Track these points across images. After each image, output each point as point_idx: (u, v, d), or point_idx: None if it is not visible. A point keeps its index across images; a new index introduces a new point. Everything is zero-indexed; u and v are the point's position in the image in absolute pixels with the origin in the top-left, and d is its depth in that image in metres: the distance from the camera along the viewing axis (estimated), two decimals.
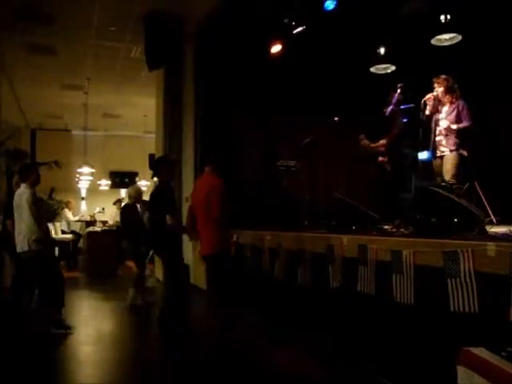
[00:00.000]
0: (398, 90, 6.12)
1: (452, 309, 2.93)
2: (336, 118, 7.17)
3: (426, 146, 5.75)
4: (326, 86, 8.36)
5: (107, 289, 8.85)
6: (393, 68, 7.48)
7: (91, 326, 6.04)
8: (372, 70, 7.56)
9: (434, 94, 5.56)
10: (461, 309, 2.89)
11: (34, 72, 10.96)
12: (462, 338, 2.87)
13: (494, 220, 4.74)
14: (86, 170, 14.13)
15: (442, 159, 5.50)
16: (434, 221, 3.78)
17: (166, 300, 5.49)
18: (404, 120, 6.25)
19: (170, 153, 9.28)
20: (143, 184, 15.35)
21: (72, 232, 12.80)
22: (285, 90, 8.45)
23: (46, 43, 9.34)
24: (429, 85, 5.74)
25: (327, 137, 7.97)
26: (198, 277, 8.13)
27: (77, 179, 15.75)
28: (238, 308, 6.15)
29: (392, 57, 7.44)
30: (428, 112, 5.60)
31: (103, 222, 13.45)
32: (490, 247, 2.80)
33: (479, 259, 2.85)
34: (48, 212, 15.52)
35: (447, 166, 5.38)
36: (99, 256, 10.41)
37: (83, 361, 4.70)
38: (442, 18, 6.33)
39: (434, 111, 5.60)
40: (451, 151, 5.37)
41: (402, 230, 4.66)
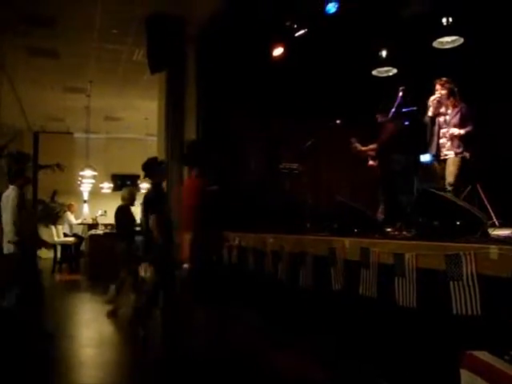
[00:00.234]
0: (400, 93, 6.12)
1: (455, 312, 2.92)
2: (338, 121, 7.17)
3: (428, 149, 5.75)
4: (328, 89, 8.36)
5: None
6: (394, 71, 7.48)
7: (93, 329, 6.05)
8: (374, 72, 7.55)
9: (439, 96, 5.55)
10: (463, 312, 2.88)
11: (36, 75, 10.98)
12: (464, 341, 2.86)
13: (497, 223, 4.72)
14: (88, 172, 14.14)
15: (445, 162, 5.50)
16: (437, 224, 3.77)
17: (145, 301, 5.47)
18: (406, 123, 6.25)
19: (171, 155, 9.30)
20: (144, 187, 15.35)
21: (74, 235, 12.82)
22: (287, 93, 8.46)
23: (47, 46, 9.35)
24: (430, 87, 5.74)
25: (329, 140, 7.96)
26: None
27: (79, 182, 15.76)
28: (241, 310, 6.16)
29: (394, 60, 7.45)
30: (431, 114, 5.60)
31: (105, 225, 13.45)
32: (493, 250, 2.79)
33: (482, 262, 2.84)
34: (48, 215, 15.62)
35: (450, 168, 5.37)
36: (101, 259, 10.40)
37: (84, 362, 4.71)
38: (443, 20, 6.34)
39: (436, 113, 5.60)
40: (456, 154, 5.36)
41: (404, 232, 4.65)
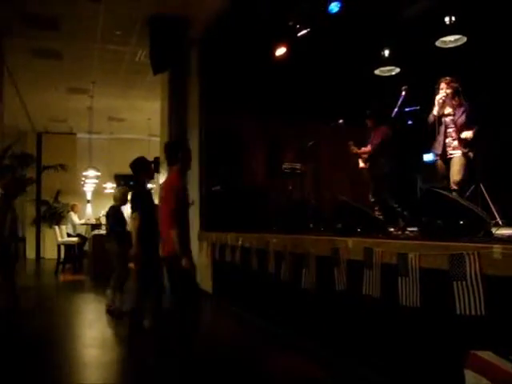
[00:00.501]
0: (403, 93, 6.11)
1: (458, 312, 2.92)
2: (341, 121, 7.17)
3: (433, 148, 5.73)
4: (331, 89, 8.36)
5: None
6: (397, 70, 7.47)
7: (96, 329, 6.06)
8: (376, 72, 7.55)
9: (444, 96, 5.53)
10: (467, 312, 2.88)
11: (40, 76, 11.01)
12: (468, 341, 2.86)
13: (500, 222, 4.72)
14: (91, 173, 14.17)
15: (449, 161, 5.48)
16: (440, 223, 3.77)
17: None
18: (409, 122, 6.24)
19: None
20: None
21: (77, 235, 12.83)
22: (289, 93, 8.46)
23: (51, 47, 9.38)
24: (433, 87, 5.73)
25: (332, 139, 7.96)
26: (204, 279, 8.15)
27: (82, 182, 15.80)
28: (245, 311, 6.17)
29: (396, 59, 7.44)
30: (436, 112, 5.58)
31: None
32: (496, 250, 2.79)
33: (485, 262, 2.83)
34: (52, 215, 15.66)
35: (455, 167, 5.35)
36: (105, 259, 10.40)
37: (88, 363, 4.72)
38: (446, 19, 6.33)
39: (441, 112, 5.58)
40: (463, 153, 5.34)
41: (407, 232, 4.65)
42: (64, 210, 15.31)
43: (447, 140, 5.55)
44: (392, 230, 4.92)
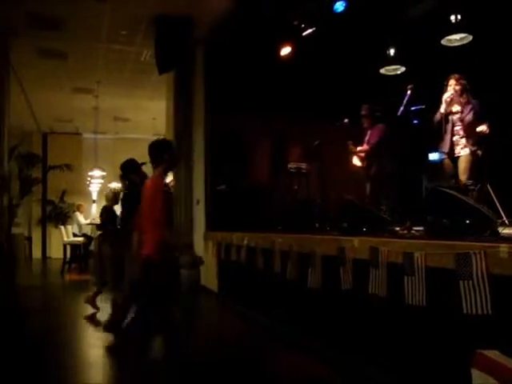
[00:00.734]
0: (408, 92, 6.10)
1: (465, 311, 2.91)
2: (346, 120, 7.16)
3: (440, 146, 5.71)
4: (336, 88, 8.35)
5: None
6: (403, 69, 7.45)
7: (102, 329, 6.07)
8: (382, 71, 7.54)
9: (453, 93, 5.50)
10: (474, 311, 2.87)
11: (45, 76, 11.04)
12: (475, 340, 2.85)
13: (507, 221, 4.70)
14: (96, 173, 14.21)
15: (457, 160, 5.46)
16: (446, 222, 3.76)
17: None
18: (414, 121, 6.22)
19: (179, 155, 9.32)
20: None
21: (83, 235, 12.87)
22: (294, 92, 8.46)
23: (56, 47, 9.41)
24: (439, 85, 5.71)
25: (337, 139, 7.95)
26: (209, 278, 8.16)
27: (88, 182, 15.84)
28: (250, 310, 6.18)
29: (402, 58, 7.42)
30: (443, 111, 5.55)
31: None
32: (503, 249, 2.78)
33: (492, 261, 2.83)
34: (57, 215, 15.69)
35: (463, 165, 5.32)
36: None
37: (94, 363, 4.73)
38: (452, 18, 6.30)
39: (449, 111, 5.55)
40: (471, 151, 5.32)
41: (413, 231, 4.64)
42: (70, 210, 15.37)
43: (454, 138, 5.52)
44: (398, 229, 4.91)
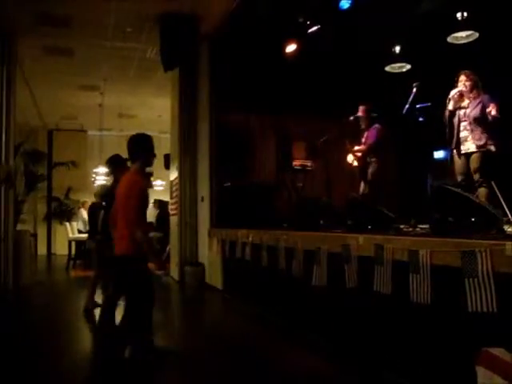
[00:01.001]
0: (414, 89, 6.08)
1: (470, 309, 2.91)
2: (351, 118, 7.16)
3: (448, 143, 5.68)
4: (341, 85, 8.35)
5: None
6: (408, 67, 7.44)
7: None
8: (387, 68, 7.52)
9: (461, 89, 5.47)
10: (479, 309, 2.87)
11: (51, 73, 11.07)
12: (480, 338, 2.86)
13: None
14: (101, 169, 14.23)
15: (466, 157, 5.42)
16: (451, 220, 3.76)
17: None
18: (420, 119, 6.20)
19: (184, 152, 9.36)
20: (158, 184, 15.44)
21: (88, 231, 12.89)
22: (300, 90, 8.46)
23: (62, 45, 9.44)
24: (445, 83, 5.69)
25: (342, 136, 7.95)
26: (214, 275, 8.18)
27: (93, 179, 15.88)
28: (255, 307, 6.19)
29: (407, 55, 7.41)
30: (451, 107, 5.52)
31: None
32: (508, 247, 2.78)
33: (497, 259, 2.83)
34: (62, 211, 15.73)
35: (474, 165, 5.28)
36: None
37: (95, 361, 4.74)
38: (458, 15, 6.28)
39: (457, 107, 5.52)
40: (478, 146, 5.27)
41: (418, 229, 4.64)
42: (75, 207, 15.43)
43: (461, 134, 5.47)
44: (403, 226, 4.91)
